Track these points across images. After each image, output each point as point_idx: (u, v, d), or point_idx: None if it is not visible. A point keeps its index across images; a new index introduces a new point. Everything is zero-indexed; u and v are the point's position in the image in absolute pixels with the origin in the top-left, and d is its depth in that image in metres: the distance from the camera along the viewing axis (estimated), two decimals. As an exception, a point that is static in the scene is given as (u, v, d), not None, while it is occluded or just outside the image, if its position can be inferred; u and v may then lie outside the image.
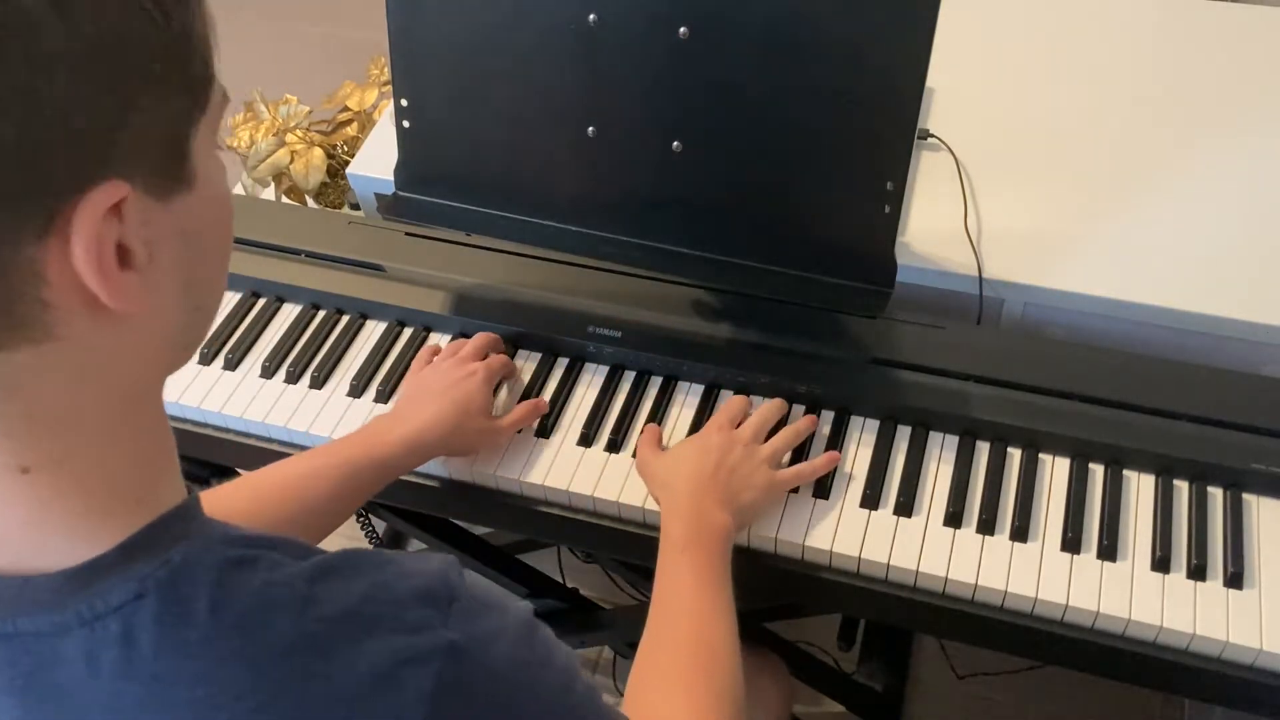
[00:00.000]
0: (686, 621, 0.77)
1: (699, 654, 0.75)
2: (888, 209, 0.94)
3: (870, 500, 0.93)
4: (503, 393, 1.02)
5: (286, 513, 0.83)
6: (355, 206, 1.28)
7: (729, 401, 0.97)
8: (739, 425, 0.93)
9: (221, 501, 0.81)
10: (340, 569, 0.50)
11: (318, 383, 1.05)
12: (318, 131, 1.29)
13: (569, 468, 0.97)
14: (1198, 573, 0.86)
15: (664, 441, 0.97)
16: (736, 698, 0.74)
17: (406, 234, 1.13)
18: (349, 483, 0.87)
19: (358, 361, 1.07)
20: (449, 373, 0.96)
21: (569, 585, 1.43)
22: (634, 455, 0.96)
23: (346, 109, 1.31)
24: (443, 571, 0.52)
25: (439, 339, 1.08)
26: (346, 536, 1.76)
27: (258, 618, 0.46)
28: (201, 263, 0.48)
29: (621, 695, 0.75)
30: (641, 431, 0.97)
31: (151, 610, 0.45)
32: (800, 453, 0.96)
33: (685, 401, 1.01)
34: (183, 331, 0.49)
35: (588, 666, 1.62)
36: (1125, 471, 0.93)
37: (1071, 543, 0.89)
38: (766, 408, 0.96)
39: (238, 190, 1.31)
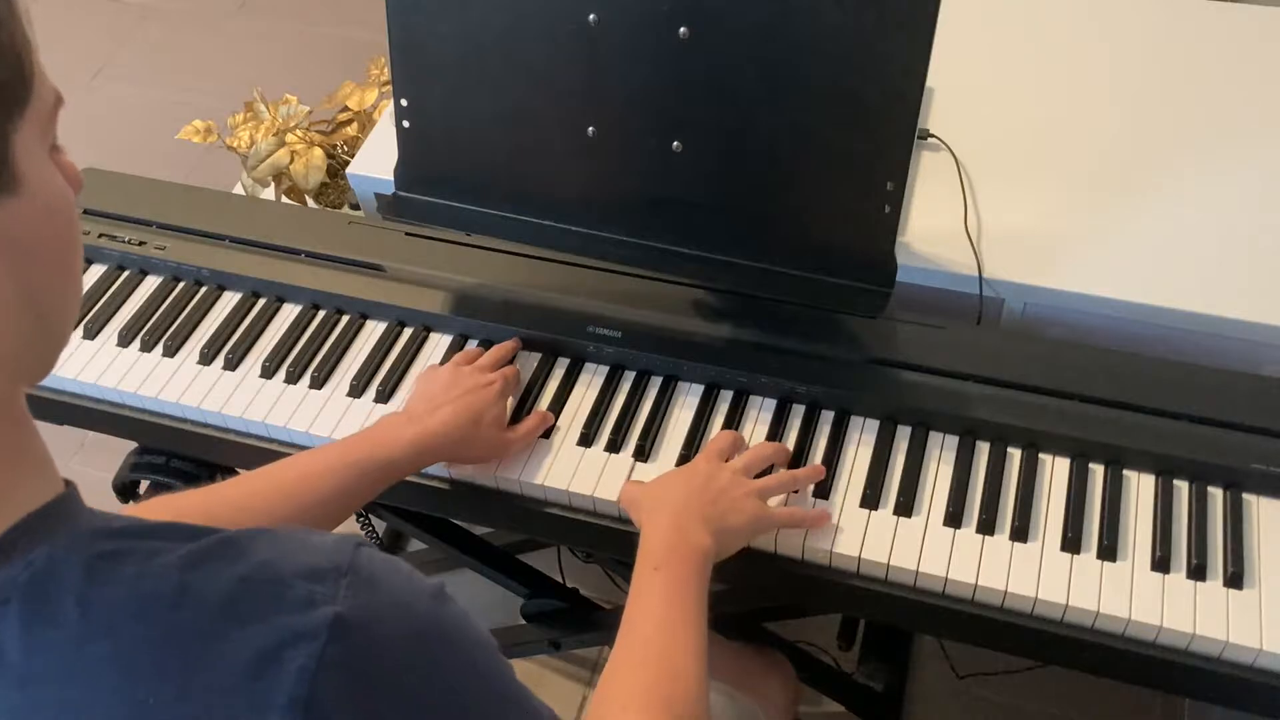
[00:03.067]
0: (654, 643, 0.75)
1: (662, 679, 0.72)
2: (888, 209, 0.94)
3: (870, 500, 0.93)
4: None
5: (297, 505, 0.83)
6: (355, 206, 1.28)
7: (719, 435, 0.95)
8: (729, 459, 0.91)
9: (238, 495, 0.81)
10: (222, 552, 0.48)
11: (318, 383, 1.05)
12: (318, 131, 1.30)
13: (569, 468, 0.97)
14: (1198, 573, 0.86)
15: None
16: None
17: (406, 234, 1.13)
18: (357, 481, 0.87)
19: (358, 361, 1.07)
20: (464, 380, 0.95)
21: (569, 585, 1.43)
22: (634, 455, 0.96)
23: (346, 109, 1.31)
24: (335, 547, 0.50)
25: (439, 339, 1.08)
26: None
27: (130, 611, 0.45)
28: (39, 273, 0.46)
29: None
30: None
31: (16, 615, 0.44)
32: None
33: (685, 402, 1.01)
34: (28, 343, 0.47)
35: (587, 667, 1.62)
36: (1125, 471, 0.93)
37: (1071, 543, 0.89)
38: (761, 447, 0.93)
39: (237, 190, 1.32)
